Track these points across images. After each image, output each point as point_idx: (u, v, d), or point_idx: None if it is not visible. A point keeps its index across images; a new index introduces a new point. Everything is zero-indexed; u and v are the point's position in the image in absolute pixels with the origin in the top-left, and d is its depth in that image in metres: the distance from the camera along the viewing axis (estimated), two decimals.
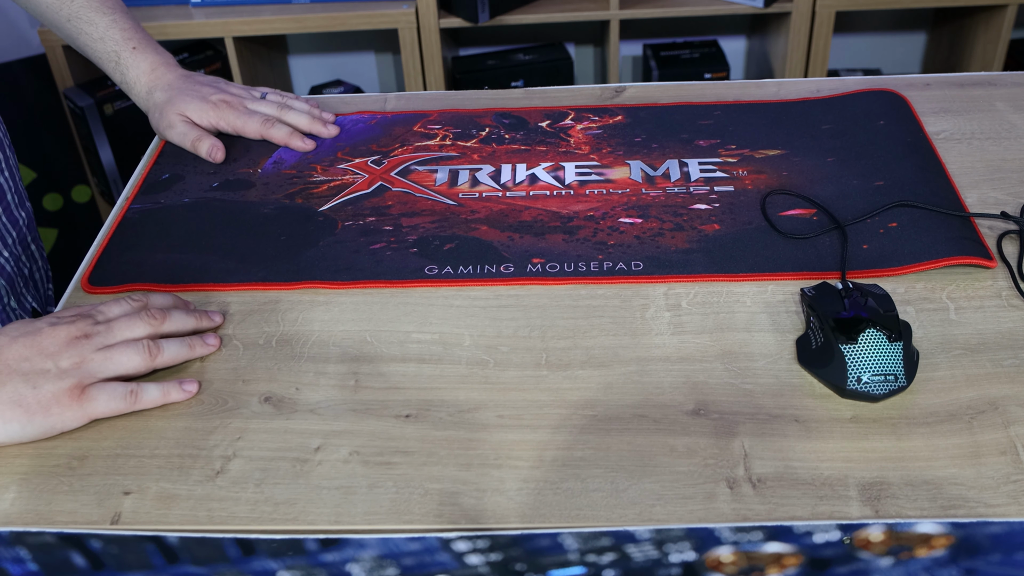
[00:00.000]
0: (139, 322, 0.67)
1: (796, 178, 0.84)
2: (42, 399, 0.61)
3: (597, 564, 0.38)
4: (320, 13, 1.82)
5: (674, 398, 0.64)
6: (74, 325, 0.65)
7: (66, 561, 0.38)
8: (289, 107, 0.94)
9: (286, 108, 0.94)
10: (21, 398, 0.61)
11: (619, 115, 0.94)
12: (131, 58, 0.91)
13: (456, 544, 0.37)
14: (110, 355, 0.64)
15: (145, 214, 0.84)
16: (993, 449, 0.59)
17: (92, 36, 0.91)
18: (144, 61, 0.92)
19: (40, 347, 0.62)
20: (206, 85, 0.94)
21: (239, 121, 0.92)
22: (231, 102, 0.92)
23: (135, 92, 0.93)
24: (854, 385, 0.62)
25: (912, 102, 0.93)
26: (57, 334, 0.63)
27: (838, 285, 0.69)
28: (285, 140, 0.92)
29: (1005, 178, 0.83)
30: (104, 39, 0.91)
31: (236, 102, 0.93)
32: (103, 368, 0.64)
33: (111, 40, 0.91)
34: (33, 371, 0.61)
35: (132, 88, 0.93)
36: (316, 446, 0.62)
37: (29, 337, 0.63)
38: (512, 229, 0.79)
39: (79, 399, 0.62)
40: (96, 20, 0.91)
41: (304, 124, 0.93)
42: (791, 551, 0.38)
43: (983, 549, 0.37)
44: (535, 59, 2.00)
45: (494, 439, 0.61)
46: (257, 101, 0.94)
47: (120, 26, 0.91)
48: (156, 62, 0.92)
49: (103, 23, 0.91)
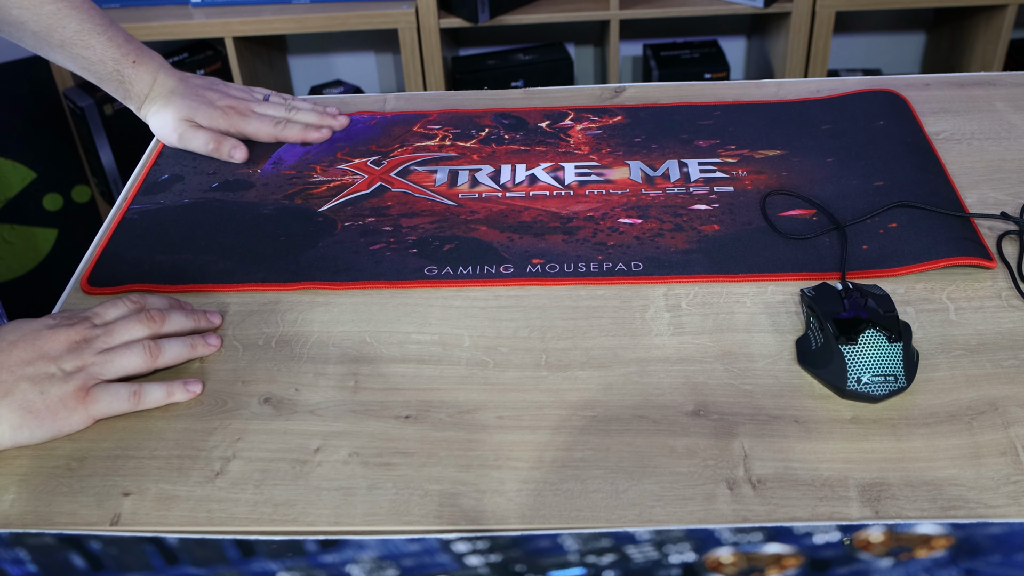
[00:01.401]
0: (137, 324, 0.67)
1: (796, 178, 0.84)
2: (50, 404, 0.61)
3: (597, 565, 0.38)
4: (320, 13, 1.82)
5: (674, 399, 0.64)
6: (73, 328, 0.64)
7: (65, 562, 0.38)
8: (295, 107, 0.94)
9: (293, 108, 0.94)
10: (30, 404, 0.61)
11: (619, 115, 0.94)
12: (133, 73, 0.90)
13: (456, 545, 0.37)
14: (111, 357, 0.64)
15: (145, 215, 0.84)
16: (993, 450, 0.59)
17: (90, 59, 0.88)
18: (146, 72, 0.90)
19: (42, 350, 0.62)
20: (209, 89, 0.93)
21: (250, 127, 0.91)
22: (238, 107, 0.92)
23: (138, 103, 0.92)
24: (854, 386, 0.62)
25: (912, 102, 0.93)
26: (57, 337, 0.63)
27: (838, 286, 0.69)
28: (301, 136, 0.92)
29: (1005, 178, 0.83)
30: (103, 60, 0.88)
31: (243, 107, 0.92)
32: (105, 370, 0.64)
33: (111, 60, 0.89)
34: (38, 376, 0.61)
35: (136, 101, 0.91)
36: (316, 447, 0.62)
37: (29, 340, 0.63)
38: (512, 229, 0.79)
39: (83, 402, 0.62)
40: (92, 43, 0.87)
41: (314, 120, 0.93)
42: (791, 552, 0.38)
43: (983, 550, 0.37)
44: (535, 59, 2.00)
45: (494, 440, 0.61)
46: (262, 103, 0.94)
47: (116, 43, 0.89)
48: (155, 70, 0.91)
49: (99, 44, 0.88)
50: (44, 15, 0.85)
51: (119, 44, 0.89)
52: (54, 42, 0.87)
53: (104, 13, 0.90)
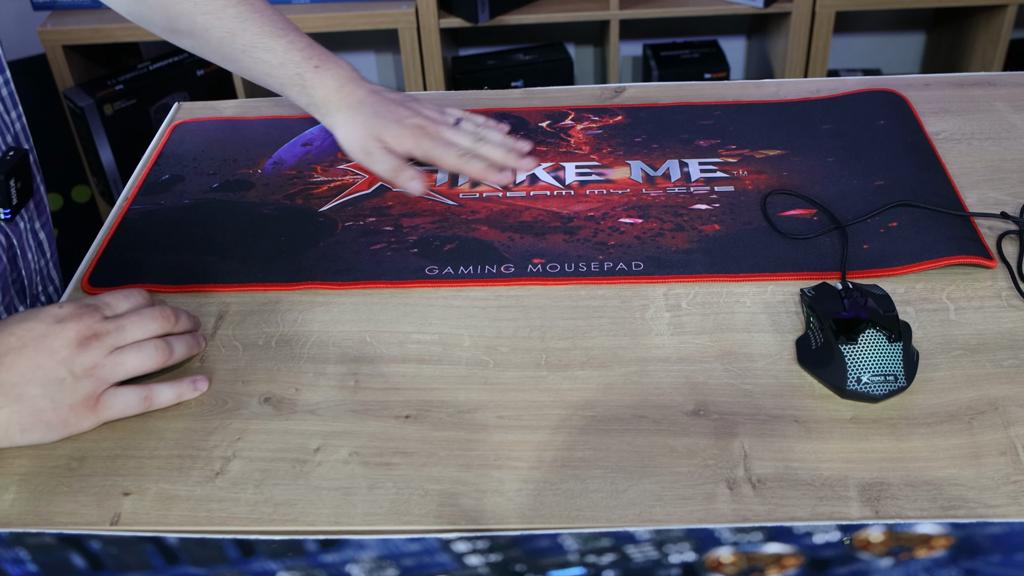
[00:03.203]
0: (151, 320, 0.65)
1: (796, 178, 0.84)
2: (60, 411, 0.61)
3: (597, 565, 0.38)
4: (320, 13, 1.82)
5: (674, 399, 0.64)
6: (82, 321, 0.62)
7: (65, 562, 0.38)
8: (484, 139, 0.87)
9: (481, 140, 0.87)
10: (41, 413, 0.60)
11: (619, 115, 0.94)
12: (316, 78, 0.86)
13: (456, 545, 0.37)
14: (123, 359, 0.63)
15: (145, 215, 0.84)
16: (993, 449, 0.59)
17: (271, 63, 0.85)
18: (331, 79, 0.86)
19: (50, 350, 0.60)
20: (399, 105, 0.87)
21: (436, 151, 0.85)
22: (427, 128, 0.85)
23: (323, 112, 0.87)
24: (854, 386, 0.62)
25: (912, 102, 0.93)
26: (66, 333, 0.61)
27: (838, 285, 0.69)
28: (481, 177, 0.85)
29: (1005, 178, 0.83)
30: (284, 63, 0.85)
31: (432, 129, 0.86)
32: (116, 373, 0.63)
33: (292, 63, 0.85)
34: (48, 381, 0.60)
35: (320, 109, 0.87)
36: (316, 447, 0.62)
37: (37, 341, 0.60)
38: (512, 229, 0.79)
39: (94, 408, 0.62)
40: (273, 46, 0.85)
41: (499, 158, 0.86)
42: (791, 552, 0.38)
43: (983, 550, 0.37)
44: (535, 59, 2.00)
45: (494, 440, 0.61)
46: (452, 129, 0.87)
47: (297, 46, 0.86)
48: (342, 78, 0.86)
49: (280, 47, 0.85)
50: (227, 18, 0.85)
51: (301, 48, 0.86)
52: (236, 47, 0.85)
53: (287, 20, 0.88)
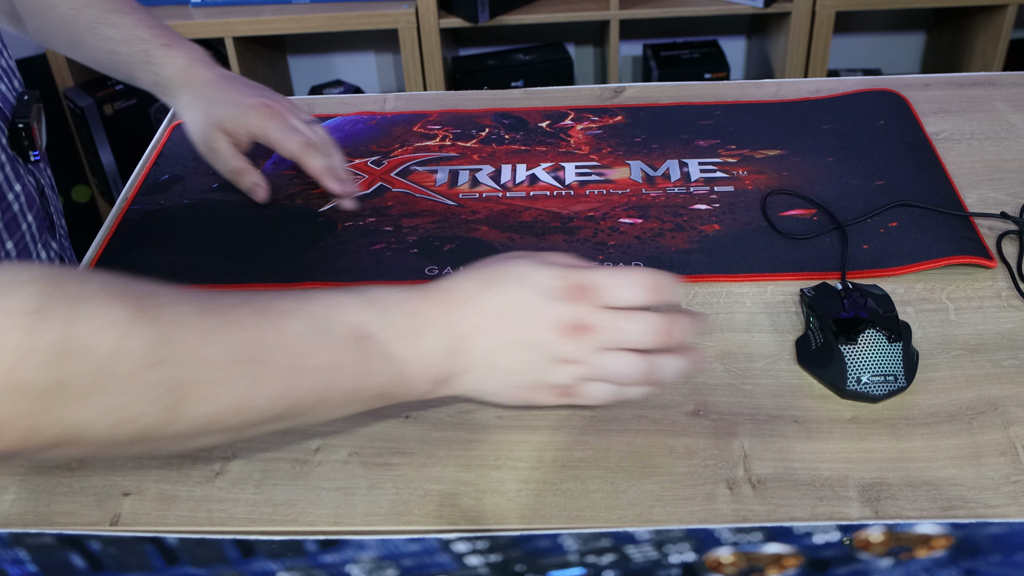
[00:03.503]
0: (653, 335, 0.56)
1: (796, 178, 0.84)
2: (521, 391, 0.57)
3: (597, 565, 0.38)
4: (320, 13, 1.83)
5: (674, 399, 0.64)
6: (576, 306, 0.55)
7: (65, 562, 0.38)
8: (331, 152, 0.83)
9: (328, 144, 0.83)
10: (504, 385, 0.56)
11: (619, 115, 0.94)
12: (163, 55, 0.81)
13: (456, 545, 0.37)
14: (605, 365, 0.56)
15: (145, 215, 0.84)
16: (993, 450, 0.59)
17: (117, 39, 0.81)
18: (179, 58, 0.82)
19: (532, 327, 0.54)
20: (249, 87, 0.83)
21: (277, 133, 0.81)
22: (273, 108, 0.82)
23: (168, 93, 0.83)
24: (854, 386, 0.62)
25: (912, 102, 0.93)
26: (549, 313, 0.54)
27: (838, 286, 0.69)
28: (318, 175, 0.82)
29: (1005, 178, 0.83)
30: (131, 40, 0.81)
31: (279, 110, 0.82)
32: (595, 373, 0.56)
33: (138, 40, 0.81)
34: (520, 361, 0.55)
35: (165, 89, 0.83)
36: (315, 447, 0.62)
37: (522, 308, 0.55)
38: (512, 229, 0.79)
39: (559, 394, 0.57)
40: (119, 21, 0.81)
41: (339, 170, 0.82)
42: (791, 552, 0.38)
43: (983, 550, 0.37)
44: (535, 59, 2.00)
45: (493, 440, 0.61)
46: (301, 120, 0.83)
47: (146, 24, 0.82)
48: (191, 58, 0.82)
49: (127, 23, 0.82)
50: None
51: (150, 26, 0.83)
52: (81, 23, 0.82)
53: (141, 5, 0.85)
